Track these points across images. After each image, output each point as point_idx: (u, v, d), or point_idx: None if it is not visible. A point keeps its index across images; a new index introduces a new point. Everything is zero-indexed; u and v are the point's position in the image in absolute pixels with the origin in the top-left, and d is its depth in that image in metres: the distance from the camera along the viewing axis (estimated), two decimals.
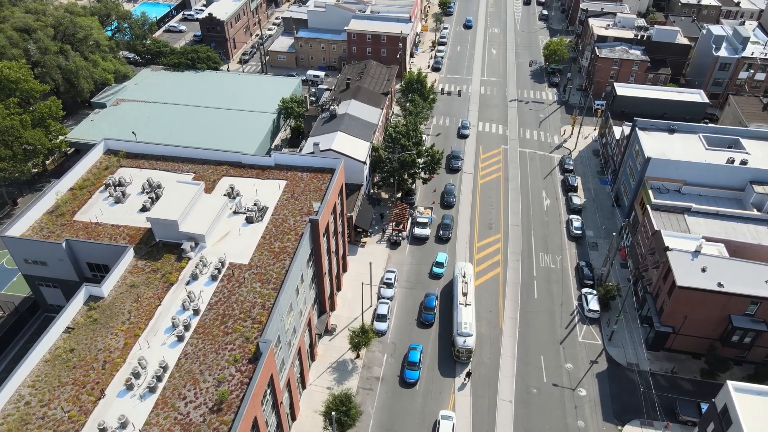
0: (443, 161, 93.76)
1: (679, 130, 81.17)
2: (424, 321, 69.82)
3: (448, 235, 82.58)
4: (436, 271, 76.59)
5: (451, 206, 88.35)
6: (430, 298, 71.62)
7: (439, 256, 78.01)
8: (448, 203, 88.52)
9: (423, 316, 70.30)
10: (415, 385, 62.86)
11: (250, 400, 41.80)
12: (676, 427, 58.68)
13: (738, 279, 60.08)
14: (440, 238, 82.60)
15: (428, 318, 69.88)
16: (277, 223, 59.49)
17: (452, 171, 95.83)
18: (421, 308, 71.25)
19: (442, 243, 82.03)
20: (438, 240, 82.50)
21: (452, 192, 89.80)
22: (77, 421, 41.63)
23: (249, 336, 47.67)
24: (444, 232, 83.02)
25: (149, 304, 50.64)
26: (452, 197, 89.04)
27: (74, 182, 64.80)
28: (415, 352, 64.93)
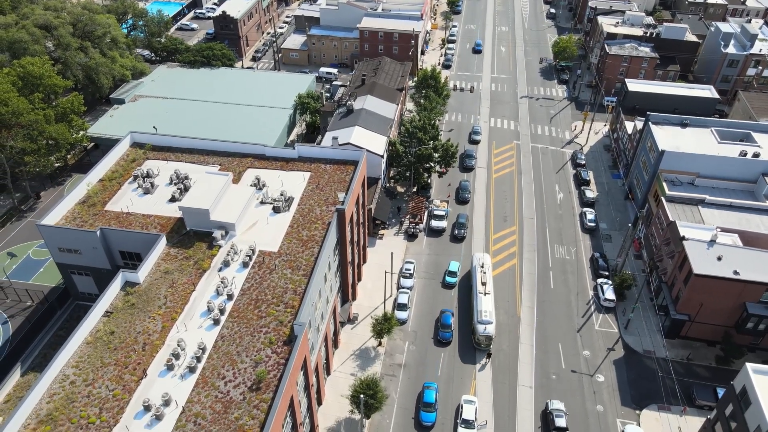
0: (458, 156, 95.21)
1: (691, 124, 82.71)
2: (441, 339, 67.16)
3: (463, 234, 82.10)
4: (449, 281, 74.52)
5: (466, 202, 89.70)
6: (446, 315, 68.98)
7: (451, 264, 76.29)
8: (464, 199, 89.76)
9: (440, 334, 67.57)
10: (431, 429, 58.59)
11: (288, 379, 43.34)
12: (693, 411, 60.18)
13: (753, 267, 61.59)
14: (455, 237, 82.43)
15: (445, 336, 67.18)
16: (303, 213, 61.06)
17: (466, 170, 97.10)
18: (437, 326, 68.93)
19: (458, 242, 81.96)
20: (453, 239, 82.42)
21: (467, 188, 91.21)
22: (122, 399, 43.19)
23: (283, 319, 49.22)
24: (459, 231, 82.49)
25: (184, 290, 52.22)
26: (467, 193, 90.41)
27: (103, 174, 66.44)
28: (430, 392, 60.20)
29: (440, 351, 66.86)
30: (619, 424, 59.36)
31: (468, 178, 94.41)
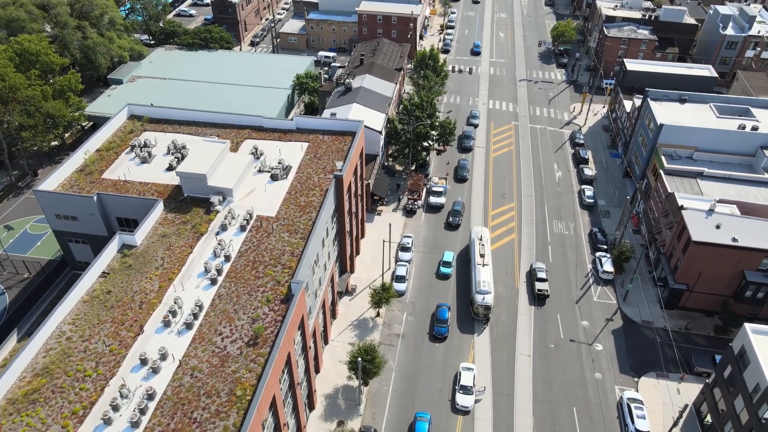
0: (456, 134, 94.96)
1: (690, 100, 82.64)
2: (437, 335, 64.14)
3: (458, 222, 79.72)
4: (443, 272, 71.86)
5: (464, 180, 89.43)
6: (442, 310, 65.95)
7: (445, 255, 73.80)
8: (462, 177, 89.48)
9: (436, 329, 64.44)
10: None
11: (285, 335, 43.17)
12: (692, 378, 60.11)
13: (751, 235, 61.53)
14: (450, 224, 79.78)
15: (441, 331, 64.10)
16: (301, 180, 60.88)
17: (464, 150, 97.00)
18: (433, 320, 66.13)
19: (452, 230, 79.50)
20: (447, 227, 79.82)
21: (465, 167, 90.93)
22: (118, 353, 43.00)
23: (280, 279, 49.05)
24: (454, 219, 79.85)
25: (181, 252, 52.03)
26: (465, 171, 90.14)
27: (100, 144, 66.24)
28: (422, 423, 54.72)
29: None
30: (617, 391, 59.29)
31: (466, 158, 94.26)
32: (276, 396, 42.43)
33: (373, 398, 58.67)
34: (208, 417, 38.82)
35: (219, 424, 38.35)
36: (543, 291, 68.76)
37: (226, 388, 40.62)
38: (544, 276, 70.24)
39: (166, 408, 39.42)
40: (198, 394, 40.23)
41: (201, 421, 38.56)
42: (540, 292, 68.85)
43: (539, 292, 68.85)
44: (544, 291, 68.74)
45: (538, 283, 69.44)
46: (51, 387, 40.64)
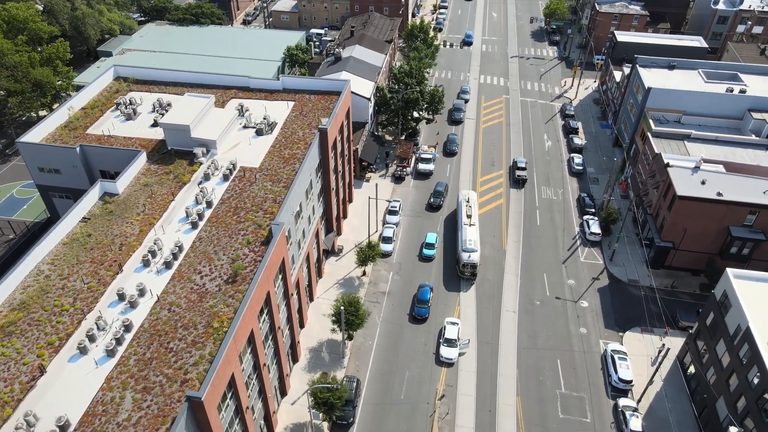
0: (444, 103, 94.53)
1: (678, 66, 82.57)
2: (417, 315, 61.60)
3: (439, 203, 77.10)
4: (426, 253, 69.20)
5: (453, 154, 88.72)
6: (424, 290, 63.41)
7: (429, 236, 70.97)
8: (451, 151, 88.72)
9: (416, 309, 61.87)
10: None
11: (264, 272, 42.99)
12: (676, 332, 60.09)
13: (736, 190, 61.46)
14: (431, 206, 77.20)
15: (422, 312, 61.50)
16: (286, 135, 60.70)
17: (454, 122, 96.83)
18: (414, 301, 63.53)
19: (433, 211, 76.69)
20: (429, 208, 77.16)
21: (455, 141, 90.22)
22: (96, 290, 42.82)
23: (261, 223, 48.92)
24: (436, 200, 77.21)
25: (163, 200, 51.82)
26: (455, 146, 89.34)
27: (85, 103, 65.98)
28: None
29: (425, 270, 66.72)
30: (601, 344, 59.26)
31: (456, 132, 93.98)
32: (254, 332, 42.29)
33: (358, 352, 58.56)
34: (185, 347, 38.66)
35: (195, 353, 38.21)
36: (522, 176, 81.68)
37: (203, 321, 40.48)
38: (524, 166, 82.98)
39: (143, 339, 39.27)
40: (175, 327, 40.08)
41: (177, 351, 38.41)
42: (519, 177, 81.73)
43: (518, 177, 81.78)
44: (522, 176, 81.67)
45: (518, 171, 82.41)
46: (27, 320, 40.44)
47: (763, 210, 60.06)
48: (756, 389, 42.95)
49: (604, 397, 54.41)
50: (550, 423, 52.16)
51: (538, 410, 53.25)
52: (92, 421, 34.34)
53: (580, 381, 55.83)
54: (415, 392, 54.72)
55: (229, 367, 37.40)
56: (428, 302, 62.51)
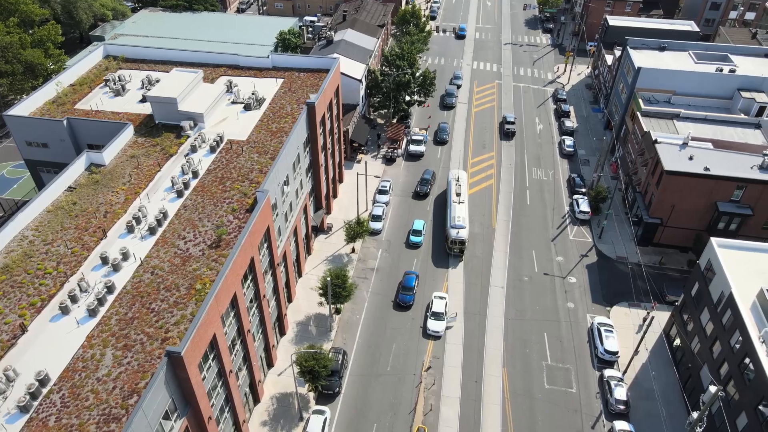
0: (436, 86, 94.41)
1: (669, 48, 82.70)
2: (401, 302, 60.24)
3: (426, 191, 75.54)
4: (413, 240, 68.15)
5: (444, 143, 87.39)
6: (409, 277, 62.25)
7: (416, 223, 70.05)
8: (441, 140, 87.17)
9: (400, 296, 60.62)
10: None
11: (247, 237, 43.04)
12: (663, 307, 60.22)
13: (724, 165, 61.60)
14: (418, 194, 75.93)
15: (406, 299, 60.27)
16: (274, 110, 60.75)
17: (446, 107, 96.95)
18: (399, 288, 62.14)
19: (420, 199, 75.37)
20: (416, 196, 75.85)
21: (446, 129, 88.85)
22: (80, 255, 42.86)
23: (247, 192, 48.98)
24: (423, 188, 75.60)
25: (149, 170, 51.87)
26: (445, 134, 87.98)
27: (74, 80, 65.95)
28: None
29: (412, 256, 66.80)
30: (588, 318, 59.40)
31: (447, 121, 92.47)
32: (238, 297, 42.34)
33: (345, 326, 58.64)
34: (166, 308, 38.70)
35: (176, 313, 38.25)
36: (510, 129, 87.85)
37: (186, 283, 40.52)
38: (512, 120, 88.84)
39: (125, 300, 39.30)
40: (157, 289, 40.12)
41: (159, 311, 38.45)
42: (508, 130, 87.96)
43: (507, 130, 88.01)
44: (512, 129, 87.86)
45: (507, 125, 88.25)
46: (10, 282, 40.43)
47: (750, 184, 60.20)
48: (738, 354, 43.08)
49: (590, 369, 54.56)
50: (535, 393, 52.29)
51: (523, 381, 53.37)
52: (72, 376, 34.38)
53: (567, 353, 55.96)
54: (401, 364, 54.82)
55: (210, 327, 37.45)
56: (413, 289, 61.31)
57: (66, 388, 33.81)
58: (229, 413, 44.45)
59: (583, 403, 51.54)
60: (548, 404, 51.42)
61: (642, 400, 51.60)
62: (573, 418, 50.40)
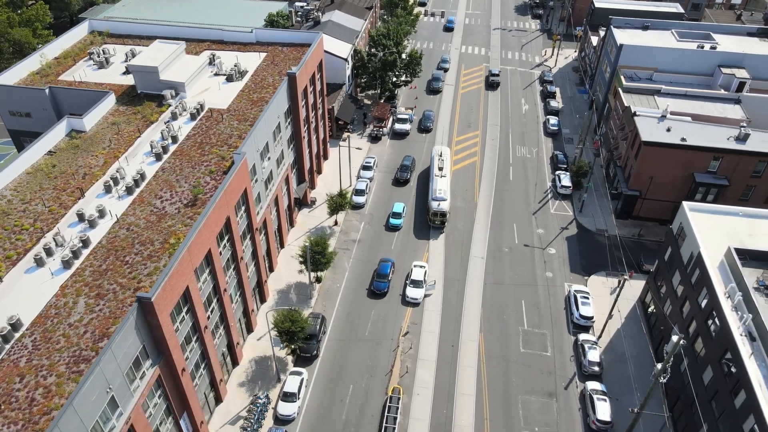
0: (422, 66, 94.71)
1: (652, 27, 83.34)
2: (375, 290, 58.84)
3: (406, 177, 74.51)
4: (393, 223, 67.42)
5: (428, 131, 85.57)
6: (384, 264, 60.84)
7: (396, 206, 69.11)
8: (426, 128, 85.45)
9: (375, 284, 59.15)
10: None
11: (223, 195, 43.63)
12: (640, 276, 60.95)
13: (701, 137, 62.31)
14: (398, 180, 74.73)
15: (381, 287, 58.73)
16: (256, 81, 61.32)
17: (433, 92, 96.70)
18: (373, 276, 60.56)
19: (400, 185, 74.25)
20: (396, 182, 74.75)
21: (430, 117, 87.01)
22: (57, 213, 43.46)
23: (225, 156, 49.60)
24: (403, 174, 74.48)
25: (129, 136, 52.45)
26: (430, 122, 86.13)
27: (58, 53, 66.48)
28: None
29: (396, 233, 67.50)
30: (566, 286, 60.15)
31: (432, 109, 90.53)
32: (213, 254, 42.98)
33: (325, 293, 59.32)
34: (140, 260, 39.34)
35: (150, 265, 38.88)
36: (495, 81, 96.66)
37: (161, 239, 41.17)
38: (497, 73, 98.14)
39: (100, 253, 39.95)
40: (132, 243, 40.76)
41: (132, 263, 39.09)
42: (492, 81, 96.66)
43: (492, 81, 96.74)
44: (496, 81, 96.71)
45: (491, 77, 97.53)
46: None
47: (726, 155, 60.93)
48: (704, 310, 43.82)
49: (566, 334, 55.29)
50: (511, 356, 53.02)
51: (500, 345, 54.10)
52: (44, 322, 35.02)
53: (543, 319, 56.69)
54: (380, 330, 55.50)
55: (182, 278, 38.07)
56: (388, 276, 59.88)
57: (38, 332, 34.46)
58: (205, 370, 45.18)
59: (557, 366, 52.28)
60: (523, 367, 52.17)
61: (615, 362, 52.37)
62: (547, 379, 51.15)
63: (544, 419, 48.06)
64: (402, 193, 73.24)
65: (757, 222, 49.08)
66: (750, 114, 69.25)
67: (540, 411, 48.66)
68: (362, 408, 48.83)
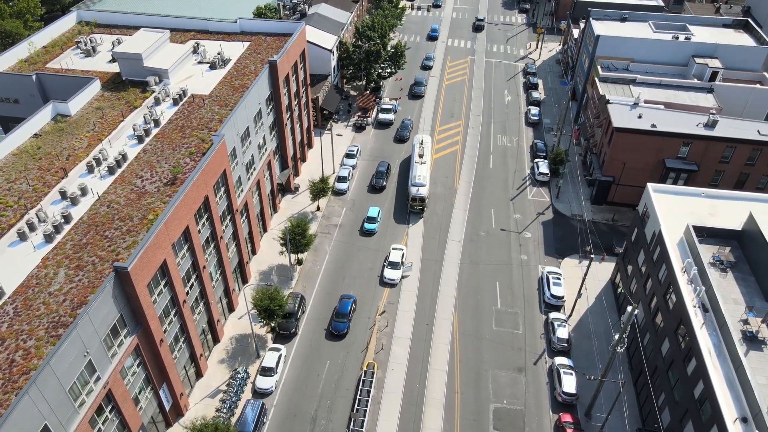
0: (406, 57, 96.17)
1: (630, 19, 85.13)
2: (334, 330, 54.00)
3: (382, 184, 72.35)
4: (367, 228, 65.66)
5: (404, 140, 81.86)
6: (345, 302, 55.83)
7: (370, 210, 67.40)
8: (402, 138, 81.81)
9: (333, 324, 54.44)
10: None
11: (200, 174, 45.28)
12: (611, 258, 62.78)
13: (671, 123, 64.14)
14: (373, 187, 72.69)
15: (339, 327, 54.10)
16: (238, 69, 62.91)
17: (414, 97, 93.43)
18: (333, 314, 55.81)
19: (375, 192, 72.40)
20: (371, 189, 72.83)
21: (408, 127, 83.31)
22: (41, 191, 45.05)
23: (205, 138, 51.22)
24: (378, 180, 72.70)
25: (113, 120, 54.04)
26: (407, 132, 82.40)
27: (46, 42, 67.94)
28: None
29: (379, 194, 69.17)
30: (540, 268, 61.95)
31: (411, 118, 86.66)
32: (191, 231, 44.62)
33: (306, 275, 61.02)
34: (119, 235, 40.96)
35: (128, 239, 40.51)
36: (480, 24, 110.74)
37: (140, 215, 42.79)
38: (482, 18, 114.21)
39: (81, 228, 41.56)
40: (112, 219, 42.38)
41: (112, 238, 40.71)
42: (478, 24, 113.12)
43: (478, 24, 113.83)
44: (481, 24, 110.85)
45: (477, 21, 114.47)
46: None
47: (695, 141, 62.78)
48: (663, 285, 45.65)
49: (538, 313, 57.10)
50: (483, 334, 54.81)
51: (473, 323, 55.88)
52: (25, 291, 36.63)
53: (516, 299, 58.50)
54: (357, 309, 57.19)
55: (159, 251, 39.71)
56: (348, 315, 54.74)
57: (19, 300, 36.07)
58: (185, 344, 46.84)
59: (527, 343, 54.10)
60: (494, 344, 53.96)
61: (584, 339, 54.19)
62: (517, 355, 52.96)
63: (512, 392, 49.86)
64: (377, 200, 71.17)
65: (717, 202, 50.93)
66: (722, 103, 71.13)
67: (509, 385, 50.46)
68: (338, 382, 50.56)
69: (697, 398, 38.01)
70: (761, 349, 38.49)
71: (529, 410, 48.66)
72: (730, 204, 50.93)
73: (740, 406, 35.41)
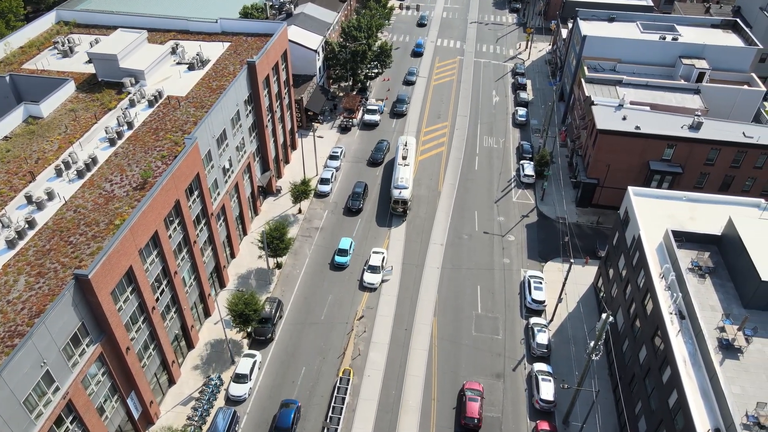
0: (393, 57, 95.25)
1: (618, 19, 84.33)
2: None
3: (359, 206, 68.23)
4: (338, 261, 60.93)
5: (377, 164, 76.63)
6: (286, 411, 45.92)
7: (342, 242, 62.74)
8: (376, 160, 76.43)
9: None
10: None
11: (171, 178, 44.37)
12: (595, 262, 62.01)
13: (655, 125, 63.36)
14: (349, 209, 68.59)
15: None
16: (217, 70, 62.02)
17: (396, 116, 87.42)
18: (273, 421, 46.29)
19: (352, 215, 68.09)
20: (347, 212, 68.54)
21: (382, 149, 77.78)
22: (6, 195, 44.16)
23: (178, 141, 50.34)
24: (354, 203, 68.36)
25: (86, 122, 53.18)
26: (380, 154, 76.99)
27: (24, 42, 66.98)
28: None
29: (355, 219, 68.12)
30: (522, 272, 61.17)
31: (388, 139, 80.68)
32: (160, 235, 43.72)
33: (285, 279, 60.18)
34: (84, 240, 40.11)
35: (93, 245, 39.65)
36: None
37: (106, 220, 41.94)
38: None
39: (45, 234, 40.68)
40: (78, 224, 41.51)
41: (76, 244, 39.85)
42: None
43: None
44: None
45: None
46: None
47: (680, 143, 62.00)
48: (641, 291, 44.89)
49: (518, 318, 56.32)
50: (462, 339, 54.01)
51: (452, 329, 55.08)
52: None
53: (497, 304, 57.70)
54: (335, 314, 56.38)
55: (125, 257, 38.83)
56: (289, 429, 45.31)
57: None
58: (155, 350, 45.96)
59: (507, 348, 53.32)
60: (473, 350, 53.17)
61: (564, 344, 53.42)
62: (496, 361, 52.18)
63: (490, 399, 49.04)
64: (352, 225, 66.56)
65: (698, 206, 50.19)
66: (709, 104, 70.37)
67: (487, 392, 49.59)
68: (312, 389, 49.74)
69: (671, 408, 37.26)
70: (737, 357, 37.75)
71: (506, 417, 47.88)
72: (711, 208, 50.18)
73: (714, 416, 34.67)
